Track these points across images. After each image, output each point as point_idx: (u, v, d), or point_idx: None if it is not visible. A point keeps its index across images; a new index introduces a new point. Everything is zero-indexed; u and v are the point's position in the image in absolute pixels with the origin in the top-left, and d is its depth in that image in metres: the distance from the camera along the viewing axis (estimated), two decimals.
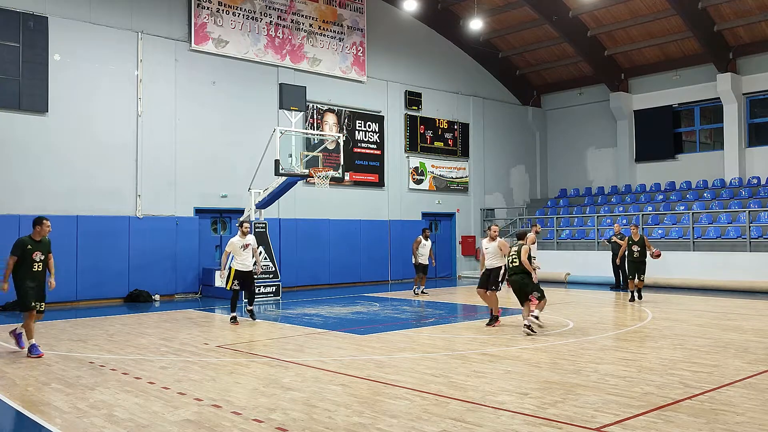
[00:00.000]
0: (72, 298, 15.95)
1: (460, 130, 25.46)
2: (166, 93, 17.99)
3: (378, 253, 22.01)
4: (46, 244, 9.19)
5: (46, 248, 9.18)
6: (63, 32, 16.36)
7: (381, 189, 22.86)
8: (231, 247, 12.31)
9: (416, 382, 7.24)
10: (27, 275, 8.97)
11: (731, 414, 5.88)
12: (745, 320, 12.09)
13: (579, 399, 6.42)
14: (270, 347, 9.66)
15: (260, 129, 18.88)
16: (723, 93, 22.72)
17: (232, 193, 18.80)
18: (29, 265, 8.99)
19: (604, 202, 24.90)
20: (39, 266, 9.06)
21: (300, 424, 5.67)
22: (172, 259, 17.55)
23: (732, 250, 19.16)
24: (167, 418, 5.93)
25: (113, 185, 17.01)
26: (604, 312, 14.01)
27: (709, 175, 23.46)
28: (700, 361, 8.23)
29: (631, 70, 25.48)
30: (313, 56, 21.02)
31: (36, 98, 15.88)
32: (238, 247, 12.25)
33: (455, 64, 25.45)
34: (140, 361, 8.60)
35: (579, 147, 27.45)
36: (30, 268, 8.99)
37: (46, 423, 5.83)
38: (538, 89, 28.19)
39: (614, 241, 18.54)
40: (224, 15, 19.08)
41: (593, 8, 22.87)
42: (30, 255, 8.96)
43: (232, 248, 12.29)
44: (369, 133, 22.57)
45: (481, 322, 12.03)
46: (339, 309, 14.49)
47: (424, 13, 23.92)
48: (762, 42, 22.10)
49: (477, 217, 25.92)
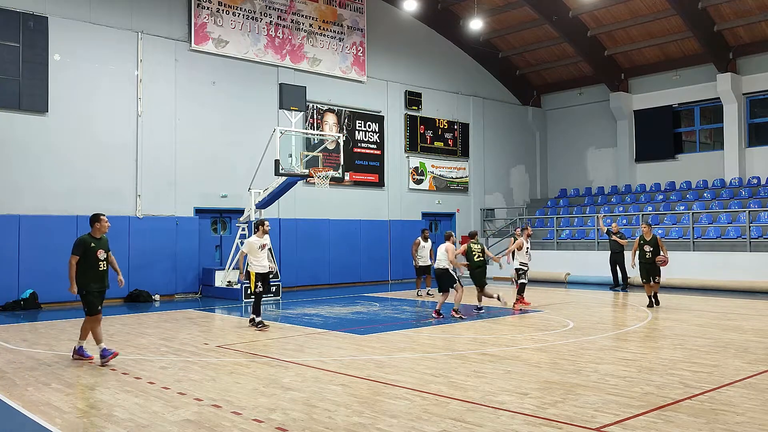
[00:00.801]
0: (72, 298, 15.88)
1: (460, 130, 25.46)
2: (166, 93, 17.99)
3: (378, 253, 22.01)
4: (105, 242, 8.62)
5: (106, 246, 8.61)
6: (63, 32, 16.36)
7: (381, 189, 22.86)
8: (249, 248, 11.46)
9: (416, 382, 7.24)
10: (91, 276, 8.40)
11: (731, 414, 5.88)
12: (745, 320, 12.09)
13: (579, 399, 6.42)
14: (270, 347, 9.66)
15: (260, 129, 18.89)
16: (723, 93, 22.72)
17: (232, 193, 18.80)
18: (93, 264, 8.41)
19: (604, 202, 24.90)
20: (103, 265, 8.51)
21: (300, 424, 5.67)
22: (172, 259, 17.55)
23: (732, 250, 19.15)
24: (167, 418, 5.93)
25: (113, 185, 17.00)
26: (604, 312, 14.01)
27: (709, 175, 23.46)
28: (700, 361, 8.23)
29: (631, 70, 25.49)
30: (313, 56, 21.02)
31: (36, 98, 15.88)
32: (256, 247, 11.47)
33: (455, 64, 25.45)
34: (140, 361, 8.60)
35: (579, 147, 27.45)
36: (94, 268, 8.42)
37: (46, 423, 5.83)
38: (538, 89, 28.19)
39: (614, 240, 18.49)
40: (224, 15, 19.08)
41: (593, 8, 22.87)
42: (93, 253, 8.40)
43: (250, 248, 11.45)
44: (369, 133, 22.57)
45: (482, 322, 12.05)
46: (339, 309, 14.49)
47: (424, 13, 23.92)
48: (762, 42, 22.10)
49: (477, 217, 25.92)
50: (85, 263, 8.36)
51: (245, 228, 17.49)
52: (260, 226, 11.68)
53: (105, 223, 8.63)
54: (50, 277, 15.58)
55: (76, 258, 8.34)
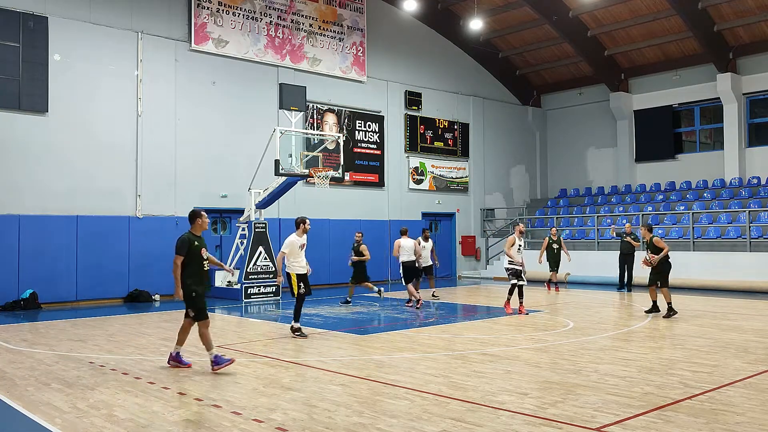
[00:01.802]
0: (72, 298, 15.95)
1: (460, 130, 25.46)
2: (166, 93, 17.99)
3: (378, 253, 21.95)
4: (202, 240, 8.13)
5: (205, 244, 8.15)
6: (63, 32, 16.36)
7: (381, 189, 22.86)
8: (290, 248, 10.43)
9: (416, 382, 7.23)
10: (196, 277, 7.89)
11: (731, 414, 5.87)
12: (745, 320, 12.09)
13: (579, 399, 6.42)
14: (270, 347, 9.66)
15: (260, 129, 18.89)
16: (723, 93, 22.72)
17: (232, 193, 18.80)
18: (198, 264, 7.92)
19: (604, 202, 24.90)
20: (206, 264, 8.06)
21: (300, 424, 5.67)
22: (171, 259, 17.48)
23: (732, 250, 19.15)
24: (167, 418, 5.93)
25: (113, 185, 17.01)
26: (604, 312, 14.00)
27: (709, 175, 23.46)
28: (700, 361, 8.23)
29: (631, 70, 25.49)
30: (313, 56, 21.02)
31: (36, 98, 15.88)
32: (297, 247, 10.54)
33: (455, 64, 25.45)
34: (140, 361, 8.60)
35: (579, 147, 27.44)
36: (199, 268, 7.94)
37: (46, 423, 5.83)
38: (538, 89, 28.19)
39: (628, 240, 18.10)
40: (224, 15, 19.08)
41: (593, 8, 22.87)
42: (197, 252, 7.90)
43: (291, 249, 10.44)
44: (369, 133, 22.56)
45: (482, 322, 12.04)
46: (339, 309, 14.49)
47: (424, 13, 23.92)
48: (762, 42, 22.10)
49: (477, 217, 25.92)
50: (189, 264, 7.85)
51: (245, 228, 17.50)
52: (301, 224, 10.78)
53: (206, 220, 8.16)
54: (50, 277, 15.61)
55: (180, 258, 7.82)
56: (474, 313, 14.10)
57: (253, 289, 16.57)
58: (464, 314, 14.17)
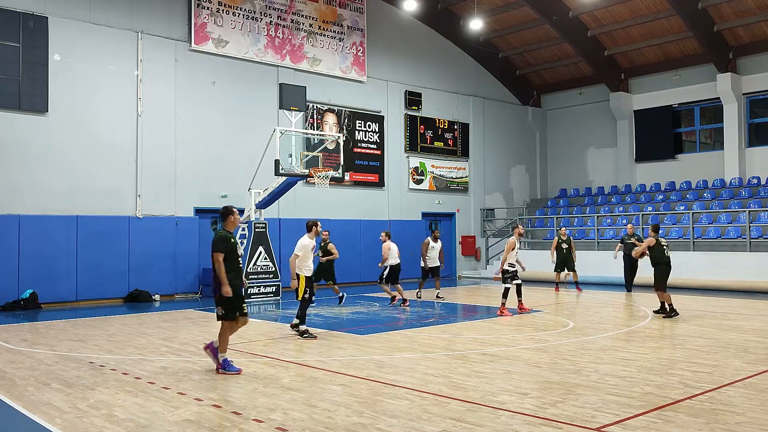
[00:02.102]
0: (72, 298, 15.94)
1: (460, 130, 25.46)
2: (166, 93, 17.99)
3: (378, 253, 21.85)
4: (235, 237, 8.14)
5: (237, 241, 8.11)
6: (63, 32, 16.36)
7: (381, 189, 22.86)
8: (303, 250, 10.33)
9: (416, 382, 7.23)
10: (234, 274, 7.78)
11: (731, 414, 5.87)
12: (745, 320, 12.09)
13: (579, 399, 6.42)
14: (270, 347, 9.66)
15: (260, 129, 18.89)
16: (723, 93, 22.72)
17: (232, 193, 18.78)
18: (236, 260, 7.81)
19: (604, 202, 24.90)
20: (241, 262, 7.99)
21: (300, 424, 5.67)
22: (172, 259, 17.55)
23: (732, 250, 19.15)
24: (167, 418, 5.93)
25: (113, 185, 17.01)
26: (604, 312, 14.00)
27: (709, 175, 23.46)
28: (700, 361, 8.23)
29: (631, 70, 25.49)
30: (313, 56, 21.02)
31: (36, 98, 15.88)
32: (310, 249, 10.47)
33: (455, 64, 25.45)
34: (140, 361, 8.60)
35: (579, 147, 27.45)
36: (236, 264, 7.82)
37: (46, 423, 5.83)
38: (538, 89, 28.19)
39: (632, 242, 17.76)
40: (224, 15, 19.08)
41: (593, 8, 22.87)
42: (234, 249, 7.82)
43: (305, 251, 10.34)
44: (369, 133, 22.57)
45: (482, 322, 12.03)
46: (339, 309, 14.49)
47: (424, 13, 23.92)
48: (762, 42, 22.11)
49: (477, 217, 25.92)
50: (227, 260, 7.70)
51: (245, 228, 17.49)
52: (313, 227, 10.81)
53: (238, 216, 8.07)
54: (50, 277, 15.60)
55: (221, 255, 7.64)
56: (474, 313, 14.09)
57: (253, 289, 16.56)
58: (464, 314, 14.18)
